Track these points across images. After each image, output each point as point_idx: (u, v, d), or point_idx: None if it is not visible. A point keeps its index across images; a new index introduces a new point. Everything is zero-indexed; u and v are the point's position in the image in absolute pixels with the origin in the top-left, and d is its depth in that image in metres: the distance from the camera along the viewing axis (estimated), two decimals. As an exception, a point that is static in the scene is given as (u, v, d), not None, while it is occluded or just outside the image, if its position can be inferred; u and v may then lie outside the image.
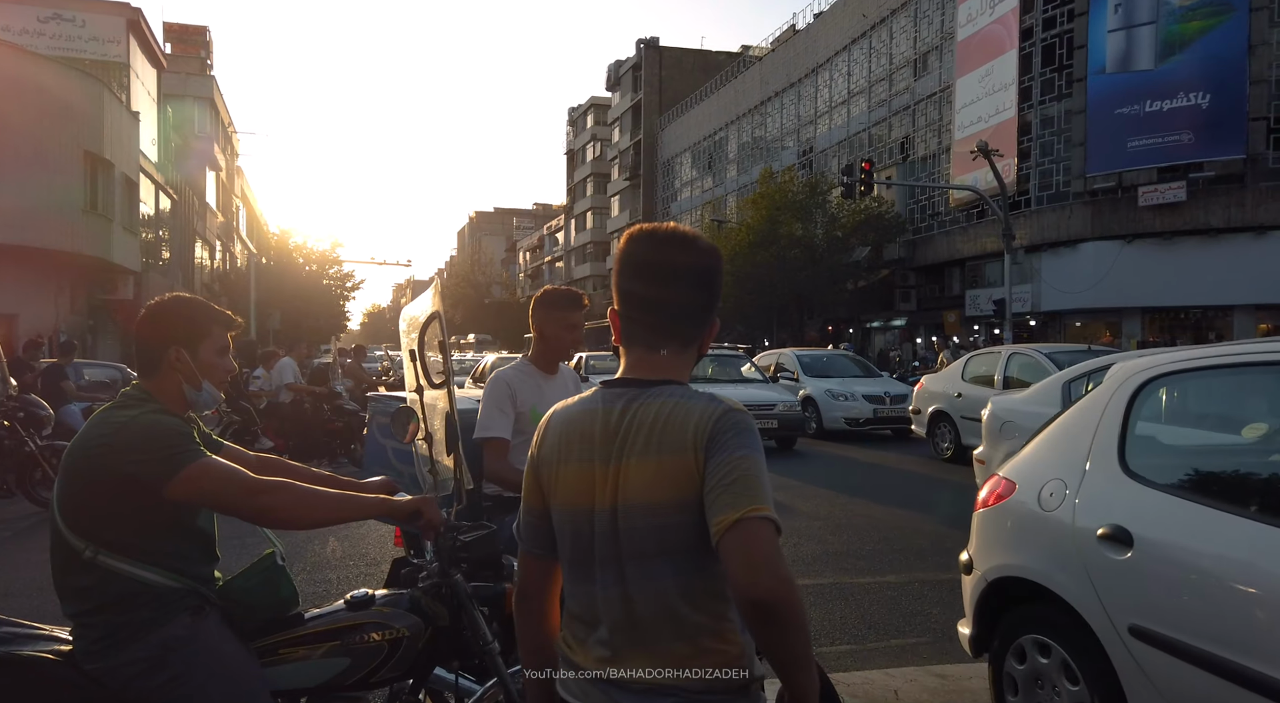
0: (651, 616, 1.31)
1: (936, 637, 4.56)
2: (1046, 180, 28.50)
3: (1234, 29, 24.15)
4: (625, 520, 1.31)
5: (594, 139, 73.44)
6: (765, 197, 34.75)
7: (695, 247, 1.40)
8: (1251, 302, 24.28)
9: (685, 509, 1.28)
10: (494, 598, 2.15)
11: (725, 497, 1.23)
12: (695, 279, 1.40)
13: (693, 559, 1.30)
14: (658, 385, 1.37)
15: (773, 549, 1.19)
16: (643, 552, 1.31)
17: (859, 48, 38.87)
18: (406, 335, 2.30)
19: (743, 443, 1.28)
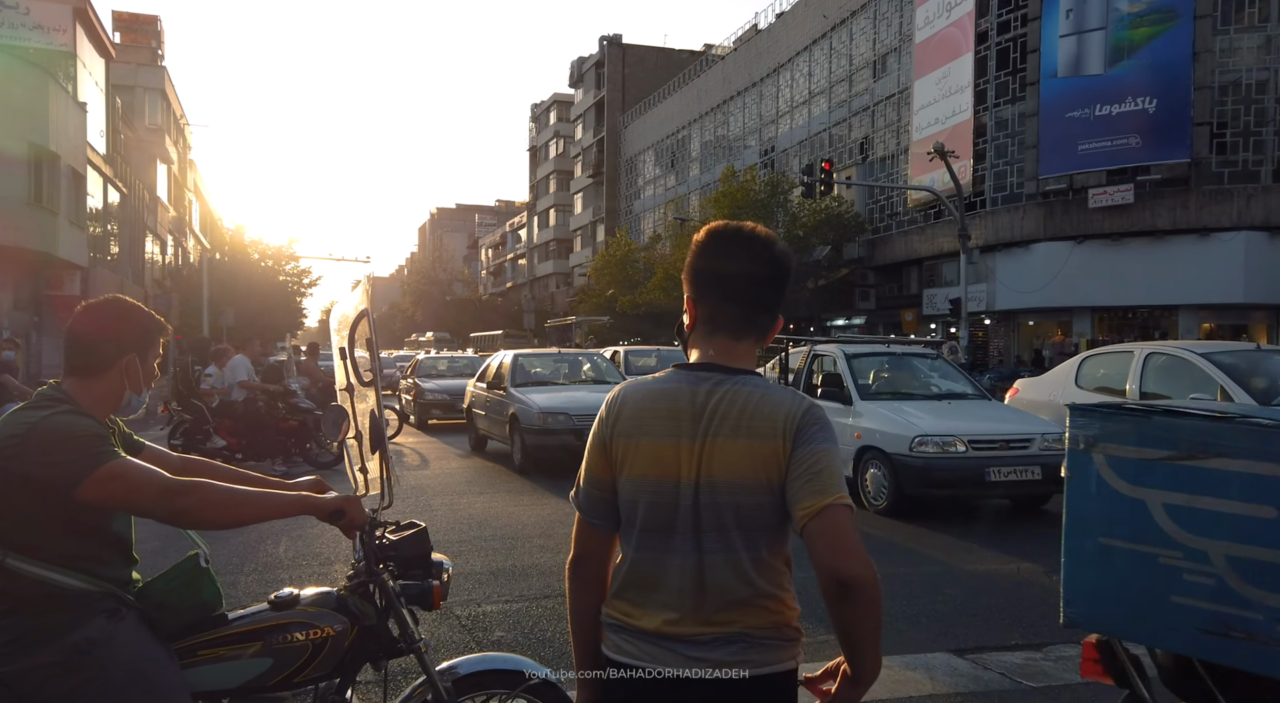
0: (722, 581, 1.45)
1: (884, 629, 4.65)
2: (1001, 182, 29.09)
3: (1179, 36, 24.89)
4: (707, 495, 1.45)
5: (557, 136, 73.18)
6: (727, 195, 34.96)
7: (777, 247, 1.54)
8: (1195, 302, 25.05)
9: (767, 491, 1.43)
10: (422, 595, 2.15)
11: (813, 484, 1.39)
12: (777, 277, 1.54)
13: (765, 534, 1.46)
14: (741, 374, 1.50)
15: (853, 533, 1.36)
16: (721, 524, 1.45)
17: (820, 48, 39.29)
18: (337, 333, 2.30)
19: (826, 437, 1.44)
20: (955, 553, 6.35)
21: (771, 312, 1.56)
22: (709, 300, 1.54)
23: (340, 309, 2.38)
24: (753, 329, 1.54)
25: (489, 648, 4.34)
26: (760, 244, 1.53)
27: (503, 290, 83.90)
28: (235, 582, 5.42)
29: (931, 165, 27.08)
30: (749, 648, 1.44)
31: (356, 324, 2.19)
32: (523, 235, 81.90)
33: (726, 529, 1.45)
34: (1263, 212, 24.49)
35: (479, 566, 6.00)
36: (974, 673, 3.98)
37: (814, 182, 23.71)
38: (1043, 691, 3.76)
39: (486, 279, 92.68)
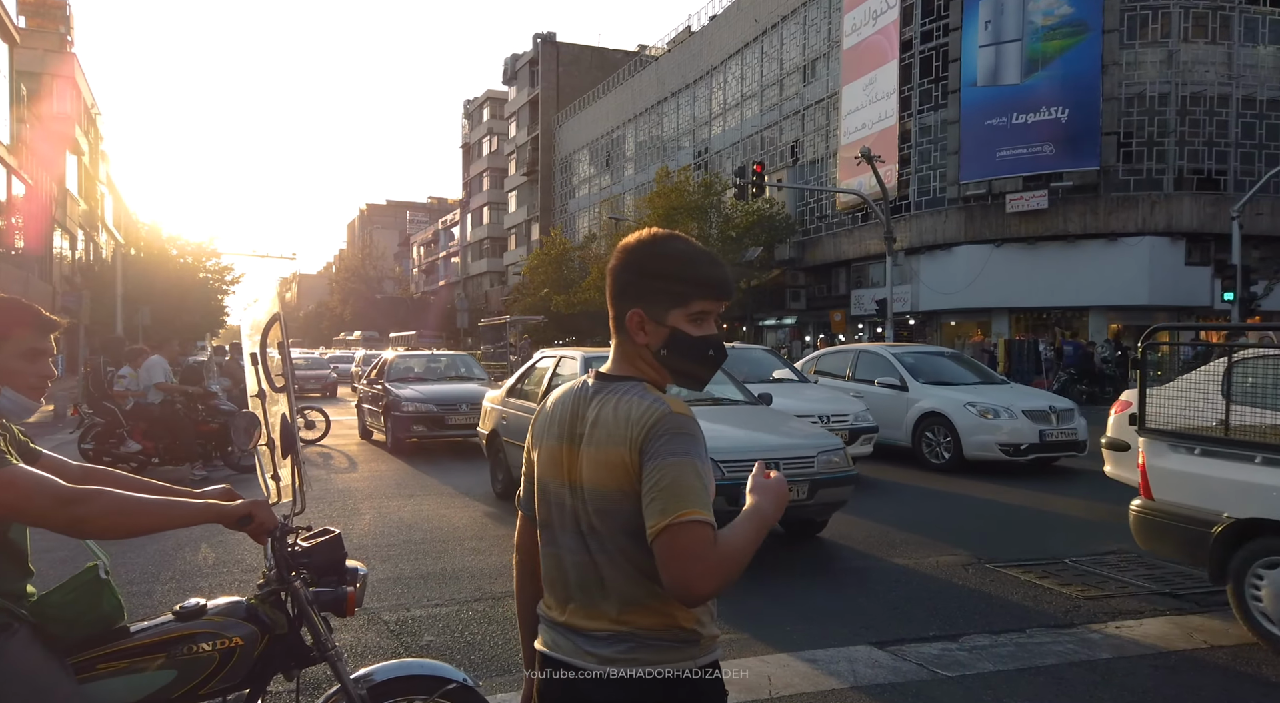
0: (607, 580, 1.47)
1: (806, 623, 4.77)
2: (925, 186, 30.02)
3: (1089, 49, 26.11)
4: (582, 500, 1.49)
5: (490, 133, 72.38)
6: (662, 196, 35.17)
7: (620, 248, 1.56)
8: (1104, 303, 26.33)
9: (622, 498, 1.43)
10: (335, 602, 2.12)
11: (656, 503, 1.36)
12: (613, 275, 1.55)
13: (637, 539, 1.42)
14: (620, 380, 1.51)
15: (698, 550, 1.33)
16: (595, 528, 1.48)
17: (751, 52, 39.85)
18: (249, 338, 2.25)
19: (676, 447, 1.39)
20: (877, 546, 6.55)
21: (617, 308, 1.54)
22: None
23: (250, 314, 2.32)
24: (619, 331, 1.54)
25: (418, 653, 4.30)
26: (614, 253, 1.55)
27: (435, 289, 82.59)
28: (151, 591, 5.24)
29: (859, 169, 27.77)
30: (638, 648, 1.45)
31: (268, 328, 2.15)
32: (456, 233, 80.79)
33: (601, 533, 1.47)
34: (1165, 218, 25.89)
35: (408, 569, 5.92)
36: (894, 664, 4.12)
37: (746, 184, 24.05)
38: (957, 679, 3.92)
39: (419, 277, 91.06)
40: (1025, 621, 4.76)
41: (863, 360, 11.82)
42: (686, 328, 1.50)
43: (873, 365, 11.55)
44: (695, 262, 1.52)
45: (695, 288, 1.50)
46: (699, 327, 1.51)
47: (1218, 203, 25.52)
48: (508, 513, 7.90)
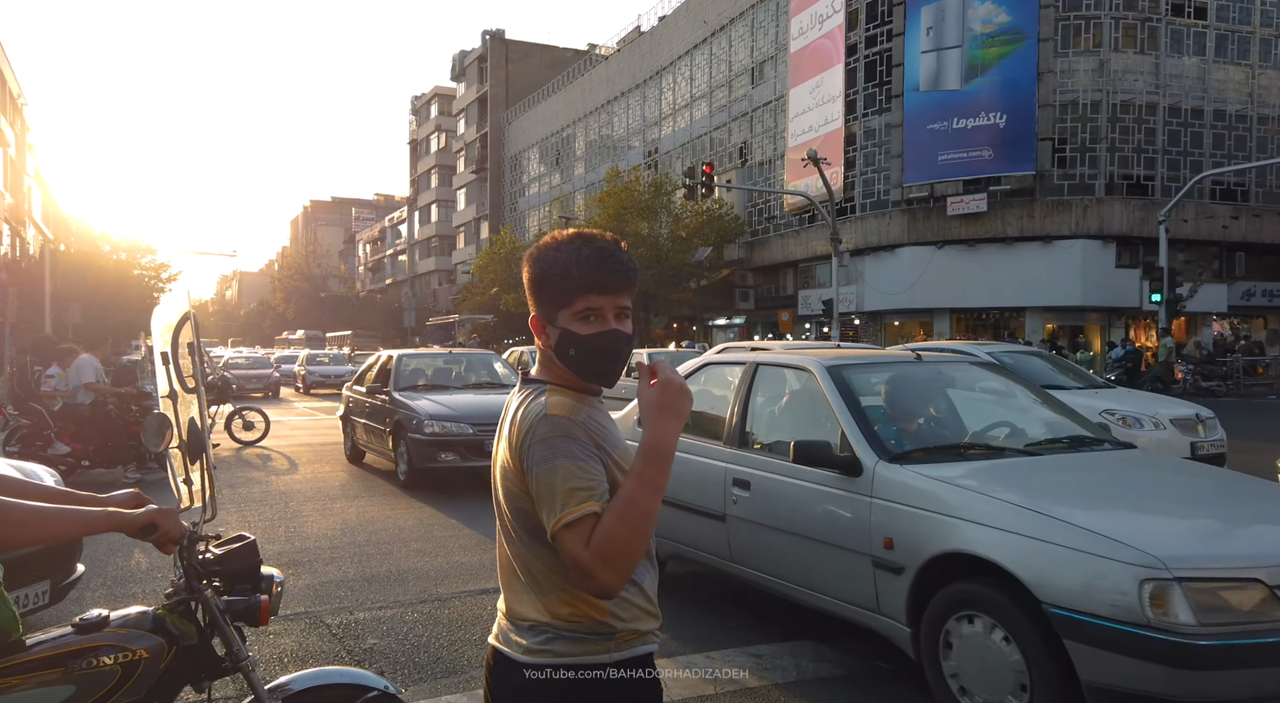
0: (529, 572, 1.53)
1: (756, 618, 4.84)
2: (870, 188, 30.59)
3: (1026, 56, 26.93)
4: (500, 497, 1.58)
5: (439, 130, 71.49)
6: (612, 195, 35.18)
7: (531, 251, 1.59)
8: (1040, 304, 27.19)
9: (523, 497, 1.49)
10: (248, 611, 2.07)
11: (542, 513, 1.44)
12: (528, 280, 1.58)
13: (542, 537, 1.47)
14: (534, 384, 1.57)
15: (575, 553, 1.38)
16: (509, 525, 1.56)
17: (700, 53, 40.11)
18: (160, 337, 2.17)
19: (546, 453, 1.43)
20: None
21: (530, 315, 1.60)
22: None
23: (161, 313, 2.24)
24: (535, 336, 1.60)
25: (361, 657, 4.26)
26: (524, 257, 1.61)
27: (382, 287, 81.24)
28: (81, 599, 5.07)
29: (806, 171, 28.18)
30: (555, 639, 1.50)
31: (180, 328, 2.09)
32: (403, 231, 79.59)
33: (515, 529, 1.54)
34: (1097, 221, 26.84)
35: (352, 572, 5.84)
36: (836, 658, 4.20)
37: (695, 184, 24.22)
38: (895, 671, 4.02)
39: (365, 275, 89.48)
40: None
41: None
42: (575, 327, 1.51)
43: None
44: (576, 260, 1.50)
45: (576, 286, 1.50)
46: (588, 324, 1.51)
47: (1146, 207, 26.55)
48: (454, 514, 7.83)
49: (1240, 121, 28.39)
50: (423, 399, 9.49)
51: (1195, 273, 26.39)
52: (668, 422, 1.45)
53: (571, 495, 1.39)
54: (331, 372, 29.01)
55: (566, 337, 1.52)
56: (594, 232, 1.57)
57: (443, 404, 9.29)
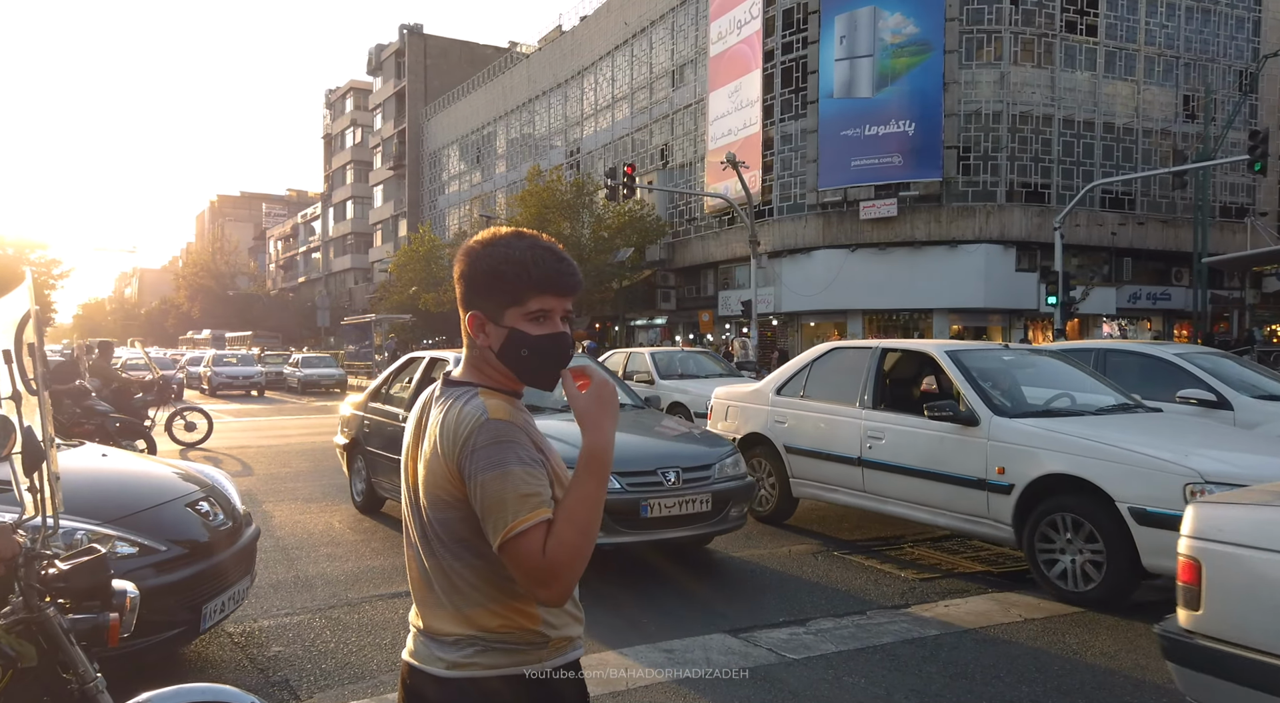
0: (453, 583, 1.46)
1: (666, 615, 4.92)
2: (786, 192, 31.29)
3: (932, 67, 28.02)
4: (420, 505, 1.49)
5: (354, 124, 69.67)
6: (534, 195, 34.98)
7: (460, 250, 1.53)
8: (946, 306, 28.34)
9: (452, 506, 1.43)
10: (94, 631, 1.96)
11: (488, 522, 1.38)
12: (456, 278, 1.52)
13: (468, 546, 1.43)
14: (461, 387, 1.49)
15: (530, 561, 1.35)
16: (432, 535, 1.47)
17: (622, 54, 40.26)
18: (2, 334, 2.04)
19: (491, 459, 1.37)
20: (733, 539, 6.81)
21: (463, 320, 1.52)
22: None
23: (2, 310, 2.10)
24: (466, 335, 1.52)
25: (264, 664, 4.15)
26: (462, 251, 1.52)
27: (294, 285, 78.65)
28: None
29: (725, 174, 28.62)
30: (483, 651, 1.45)
31: (21, 326, 1.96)
32: (317, 228, 77.23)
33: (437, 541, 1.46)
34: (999, 227, 28.13)
35: (258, 579, 5.66)
36: (745, 650, 4.32)
37: (617, 185, 24.32)
38: (803, 661, 4.15)
39: (276, 273, 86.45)
40: (866, 603, 5.08)
41: (1129, 365, 7.68)
42: (525, 327, 1.45)
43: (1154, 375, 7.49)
44: (534, 259, 1.46)
45: (532, 285, 1.45)
46: (539, 325, 1.46)
47: (1043, 214, 27.98)
48: (368, 520, 7.68)
49: (1127, 134, 30.20)
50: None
51: (1087, 277, 27.97)
52: (608, 423, 1.42)
53: (524, 502, 1.35)
54: (240, 373, 27.91)
55: (516, 336, 1.46)
56: (531, 232, 1.52)
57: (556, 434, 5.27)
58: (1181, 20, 30.53)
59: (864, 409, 6.43)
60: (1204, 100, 29.00)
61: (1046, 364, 6.82)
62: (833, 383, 6.84)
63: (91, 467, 4.42)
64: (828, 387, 6.88)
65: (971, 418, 5.62)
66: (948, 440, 5.75)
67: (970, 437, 5.61)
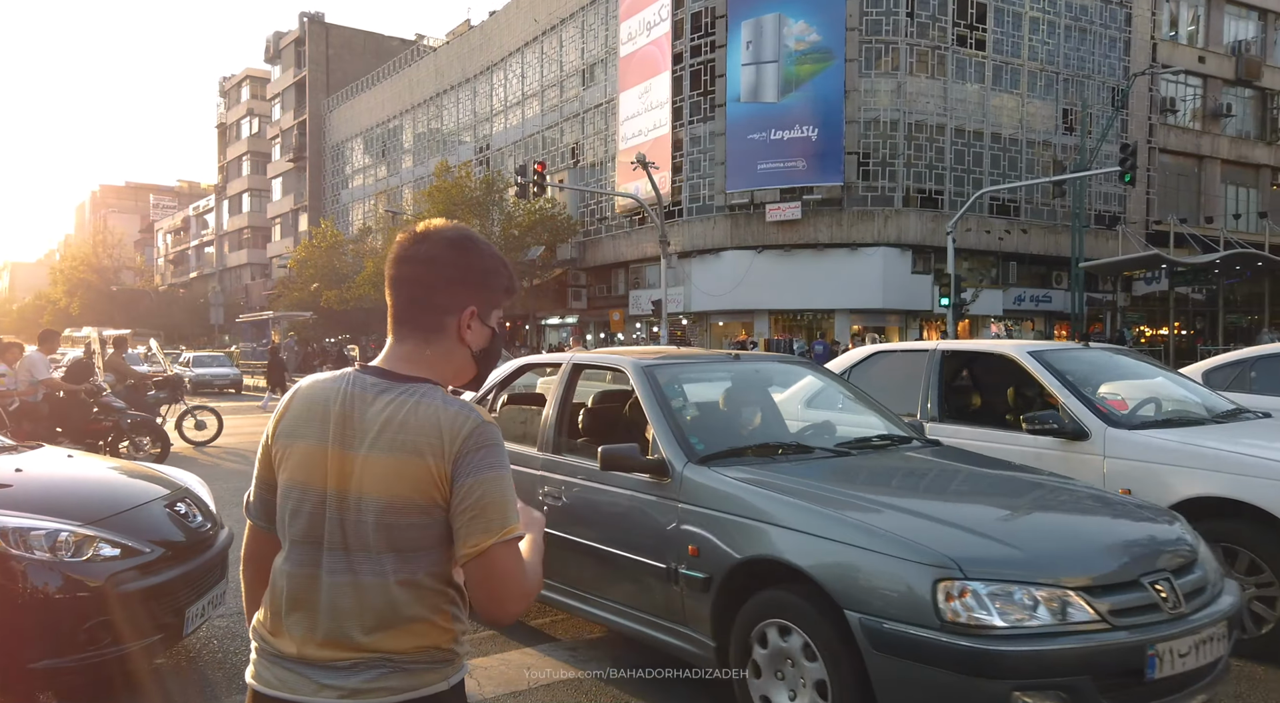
0: (370, 604, 1.34)
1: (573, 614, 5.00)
2: (696, 193, 31.75)
3: (834, 74, 28.96)
4: (355, 512, 1.34)
5: (251, 114, 66.77)
6: (442, 191, 34.37)
7: (431, 240, 1.42)
8: (847, 306, 29.38)
9: (421, 512, 1.32)
10: None
11: (480, 520, 1.29)
12: (426, 272, 1.41)
13: (422, 558, 1.34)
14: (410, 382, 1.38)
15: (515, 573, 1.32)
16: (369, 544, 1.34)
17: (532, 51, 39.97)
18: None
19: (494, 460, 1.32)
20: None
21: (433, 310, 1.42)
22: (389, 304, 1.47)
23: None
24: (410, 327, 1.43)
25: (234, 672, 4.02)
26: (422, 239, 1.43)
27: (185, 281, 74.82)
28: None
29: (636, 174, 28.84)
30: (390, 674, 1.35)
31: None
32: (210, 221, 73.68)
33: (374, 551, 1.34)
34: (896, 231, 29.33)
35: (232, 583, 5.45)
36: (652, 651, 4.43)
37: (528, 183, 24.18)
38: (698, 655, 4.30)
39: (165, 268, 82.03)
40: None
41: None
42: (497, 328, 1.48)
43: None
44: (504, 261, 1.50)
45: (509, 287, 1.48)
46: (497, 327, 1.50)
47: (936, 219, 29.31)
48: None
49: (1013, 144, 31.95)
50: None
51: (977, 279, 29.50)
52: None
53: (517, 513, 1.34)
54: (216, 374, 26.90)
55: (496, 337, 1.47)
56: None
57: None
58: (1061, 38, 32.50)
59: (929, 423, 5.22)
60: (1080, 114, 30.97)
61: (1128, 364, 5.96)
62: (882, 392, 5.19)
63: (63, 468, 4.34)
64: (877, 396, 4.97)
65: (1079, 431, 4.64)
66: (1046, 457, 4.69)
67: (1080, 453, 4.64)
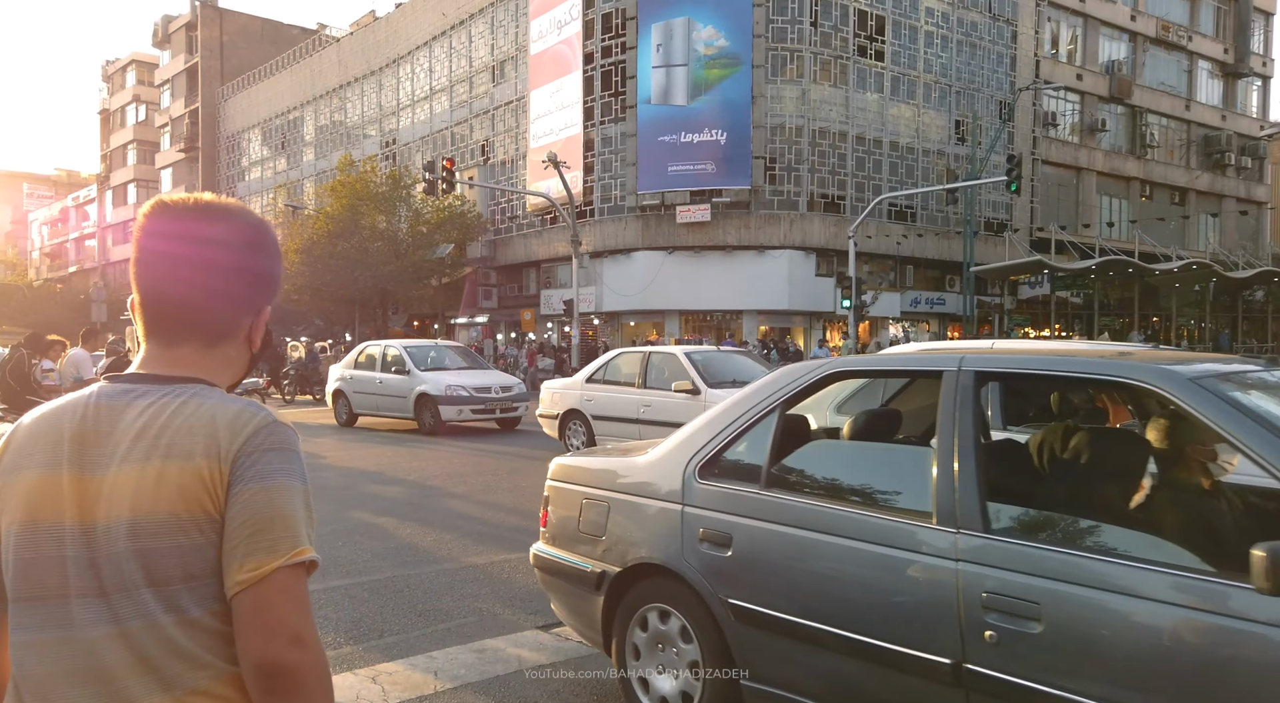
0: (151, 659, 1.05)
1: (480, 615, 5.03)
2: (607, 194, 31.90)
3: (742, 80, 29.62)
4: (108, 543, 1.05)
5: (137, 101, 63.25)
6: (346, 185, 33.41)
7: (225, 219, 1.15)
8: (755, 307, 30.10)
9: (190, 529, 1.04)
10: None
11: (261, 537, 1.03)
12: (227, 257, 1.14)
13: (195, 589, 1.05)
14: (177, 383, 1.12)
15: (296, 607, 1.04)
16: (128, 582, 1.04)
17: (440, 46, 39.29)
18: None
19: (286, 466, 1.08)
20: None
21: (232, 306, 1.16)
22: (139, 296, 1.16)
23: None
24: (191, 329, 1.14)
25: None
26: (198, 216, 1.14)
27: (64, 276, 70.24)
28: None
29: (547, 173, 28.76)
30: None
31: None
32: (92, 212, 69.35)
33: (136, 588, 1.04)
34: (801, 234, 30.23)
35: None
36: (555, 645, 4.49)
37: (436, 179, 23.78)
38: (607, 651, 4.41)
39: (41, 262, 76.81)
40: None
41: None
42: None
43: None
44: None
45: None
46: None
47: (839, 223, 30.36)
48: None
49: (910, 153, 33.40)
50: None
51: (877, 283, 30.71)
52: None
53: (310, 529, 1.08)
54: None
55: (270, 336, 1.26)
56: None
57: None
58: (954, 52, 34.17)
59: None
60: (971, 125, 32.65)
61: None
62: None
63: None
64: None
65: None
66: None
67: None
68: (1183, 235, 41.11)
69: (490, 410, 13.58)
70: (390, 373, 14.05)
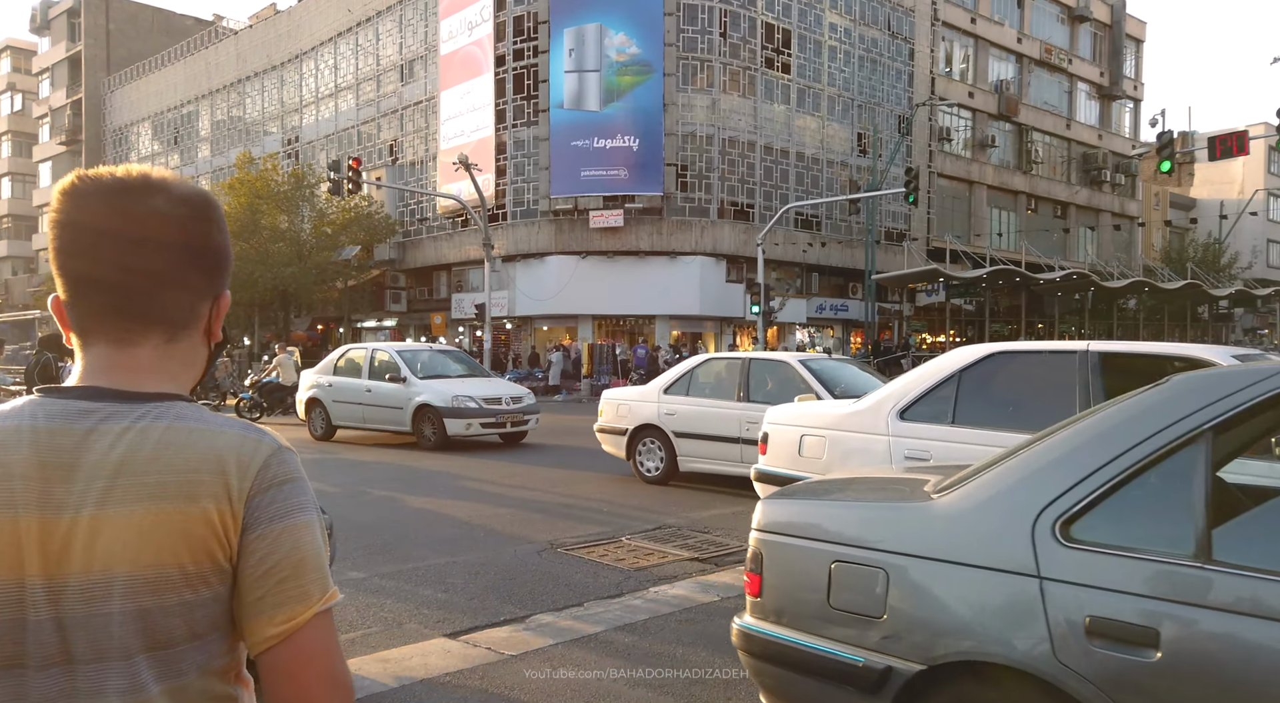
0: None
1: (386, 625, 4.98)
2: (520, 197, 31.71)
3: (653, 87, 29.97)
4: (85, 604, 0.89)
5: (13, 89, 59.11)
6: (244, 183, 32.13)
7: (172, 192, 0.98)
8: (667, 312, 30.47)
9: (196, 582, 0.91)
10: None
11: (293, 586, 0.93)
12: (178, 234, 0.98)
13: (197, 651, 0.93)
14: (150, 401, 0.94)
15: (336, 654, 0.97)
16: (111, 649, 0.89)
17: (345, 42, 38.25)
18: None
19: (301, 502, 0.96)
20: (461, 543, 6.96)
21: (185, 287, 1.00)
22: (70, 291, 0.97)
23: None
24: (151, 321, 0.98)
25: None
26: (140, 192, 0.96)
27: (-75, 277, 64.75)
28: None
29: (458, 175, 28.39)
30: None
31: None
32: (-42, 208, 64.23)
33: (125, 655, 0.89)
34: (711, 241, 30.78)
35: None
36: (463, 652, 4.48)
37: (341, 179, 23.20)
38: (520, 657, 4.40)
39: (-103, 261, 70.56)
40: (584, 595, 5.43)
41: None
42: None
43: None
44: None
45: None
46: None
47: (748, 231, 31.06)
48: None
49: (815, 163, 34.47)
50: None
51: (784, 289, 31.55)
52: None
53: (326, 570, 0.97)
54: None
55: (224, 328, 1.11)
56: None
57: None
58: (856, 67, 35.47)
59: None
60: (872, 138, 33.96)
61: None
62: (1011, 400, 4.55)
63: None
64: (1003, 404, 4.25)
65: None
66: None
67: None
68: (1064, 247, 43.80)
69: (501, 424, 12.34)
70: (382, 381, 12.76)
